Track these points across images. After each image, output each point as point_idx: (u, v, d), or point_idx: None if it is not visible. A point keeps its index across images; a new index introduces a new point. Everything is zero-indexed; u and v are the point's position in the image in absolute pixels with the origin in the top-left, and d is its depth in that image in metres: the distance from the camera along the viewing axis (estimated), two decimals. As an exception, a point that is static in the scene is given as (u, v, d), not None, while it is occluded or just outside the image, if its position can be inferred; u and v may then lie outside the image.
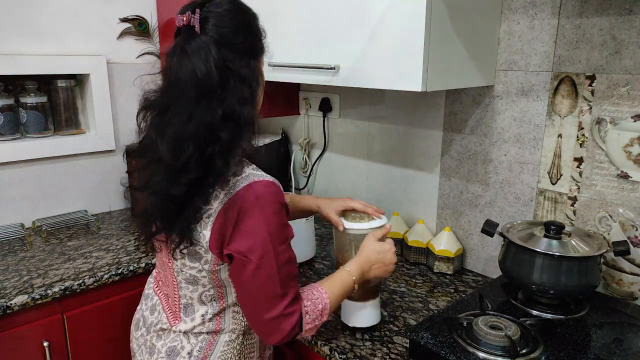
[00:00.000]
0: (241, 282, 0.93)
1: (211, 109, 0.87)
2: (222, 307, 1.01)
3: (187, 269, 0.97)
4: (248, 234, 0.89)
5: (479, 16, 1.26)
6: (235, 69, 0.89)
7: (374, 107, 1.73)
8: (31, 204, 1.86)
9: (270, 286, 0.90)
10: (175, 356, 1.01)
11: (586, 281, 1.10)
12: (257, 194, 0.89)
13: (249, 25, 0.94)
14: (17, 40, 1.76)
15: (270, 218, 0.89)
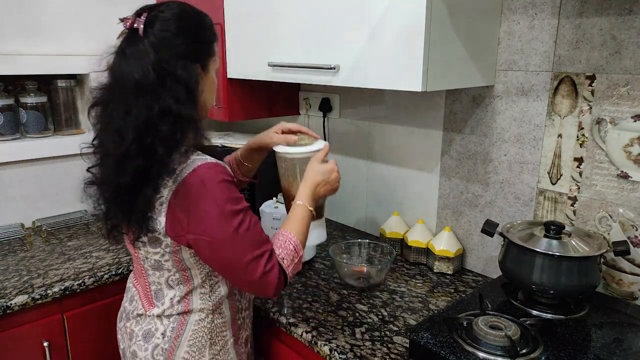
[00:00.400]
0: (213, 260, 0.99)
1: (148, 105, 0.93)
2: (189, 289, 1.07)
3: (151, 256, 1.04)
4: (202, 216, 0.95)
5: (479, 16, 1.26)
6: (172, 71, 0.95)
7: (374, 107, 1.73)
8: (31, 204, 1.86)
9: (241, 255, 0.96)
10: (151, 337, 1.08)
11: (586, 281, 1.10)
12: (202, 177, 0.96)
13: (190, 31, 1.00)
14: (17, 40, 1.76)
15: (219, 196, 0.96)
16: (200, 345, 1.08)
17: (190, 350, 1.07)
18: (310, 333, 1.19)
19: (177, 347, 1.07)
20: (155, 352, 1.07)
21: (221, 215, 0.96)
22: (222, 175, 0.98)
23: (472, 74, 1.29)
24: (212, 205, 0.95)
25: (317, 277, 1.48)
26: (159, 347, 1.07)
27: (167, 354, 1.07)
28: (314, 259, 1.60)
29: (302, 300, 1.34)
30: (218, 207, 0.96)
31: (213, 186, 0.96)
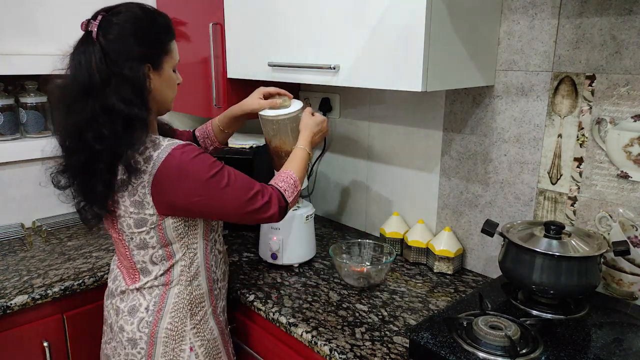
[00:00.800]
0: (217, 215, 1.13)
1: (91, 105, 1.02)
2: (171, 264, 1.16)
3: (137, 235, 1.12)
4: (191, 190, 1.06)
5: (479, 16, 1.26)
6: (118, 72, 1.02)
7: (374, 107, 1.73)
8: (31, 204, 1.86)
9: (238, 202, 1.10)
10: (136, 312, 1.17)
11: (586, 281, 1.10)
12: (178, 157, 1.05)
13: (140, 33, 1.06)
14: (16, 40, 1.76)
15: (199, 167, 1.07)
16: (182, 315, 1.17)
17: (172, 321, 1.16)
18: (310, 333, 1.19)
19: (160, 319, 1.15)
20: (141, 325, 1.16)
21: (207, 182, 1.07)
22: (194, 151, 1.07)
23: (472, 74, 1.29)
24: (196, 177, 1.06)
25: (317, 277, 1.48)
26: (143, 320, 1.16)
27: (151, 326, 1.15)
28: (314, 258, 1.60)
29: (302, 300, 1.34)
30: (201, 177, 1.06)
31: (190, 162, 1.06)
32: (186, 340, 1.18)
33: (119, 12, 1.07)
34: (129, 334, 1.17)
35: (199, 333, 1.19)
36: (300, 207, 1.54)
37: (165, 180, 1.05)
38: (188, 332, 1.18)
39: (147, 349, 1.16)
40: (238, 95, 1.78)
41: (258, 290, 1.40)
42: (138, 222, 1.10)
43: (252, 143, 1.82)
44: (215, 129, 1.46)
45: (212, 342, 1.22)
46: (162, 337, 1.16)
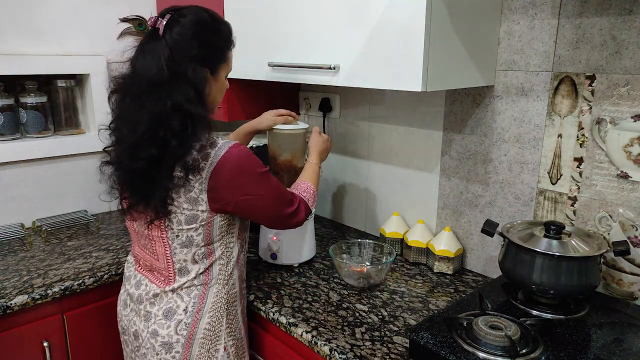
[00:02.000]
0: (254, 212, 1.16)
1: (161, 100, 1.03)
2: (211, 262, 1.17)
3: (184, 232, 1.12)
4: (246, 185, 1.11)
5: (479, 16, 1.26)
6: (183, 72, 1.06)
7: (374, 107, 1.73)
8: (31, 204, 1.86)
9: (275, 202, 1.17)
10: (172, 315, 1.15)
11: (586, 281, 1.10)
12: (236, 155, 1.09)
13: (204, 38, 1.10)
14: (17, 40, 1.76)
15: (253, 165, 1.13)
16: (219, 315, 1.18)
17: (210, 321, 1.17)
18: (310, 333, 1.19)
19: (200, 320, 1.16)
20: (179, 327, 1.15)
21: (259, 177, 1.13)
22: (247, 150, 1.13)
23: (472, 74, 1.29)
24: (251, 173, 1.12)
25: (317, 277, 1.48)
26: (182, 322, 1.15)
27: (190, 327, 1.15)
28: (314, 258, 1.60)
29: (302, 300, 1.34)
30: (255, 172, 1.12)
31: (246, 159, 1.11)
32: (221, 340, 1.19)
33: (187, 14, 1.09)
34: (164, 338, 1.14)
35: (232, 332, 1.22)
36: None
37: (223, 176, 1.08)
38: (223, 331, 1.19)
39: (182, 352, 1.15)
40: (238, 95, 1.78)
41: (258, 290, 1.40)
42: (189, 219, 1.11)
43: (252, 143, 1.82)
44: None
45: (241, 340, 1.25)
46: (199, 338, 1.15)
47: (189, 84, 1.06)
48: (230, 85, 1.72)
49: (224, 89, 1.21)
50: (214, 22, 1.13)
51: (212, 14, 1.14)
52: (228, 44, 1.17)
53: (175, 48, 1.06)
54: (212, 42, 1.12)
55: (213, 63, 1.13)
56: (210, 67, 1.12)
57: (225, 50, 1.16)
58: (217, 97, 1.19)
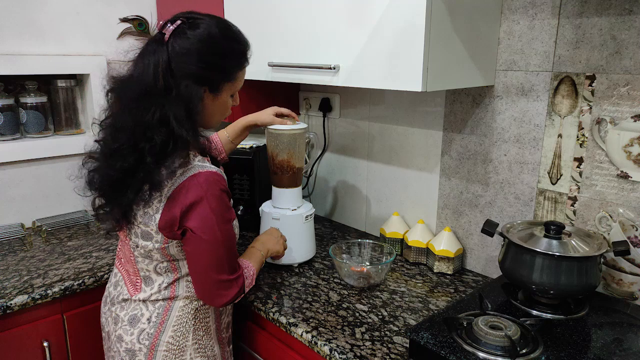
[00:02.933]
0: (193, 254, 1.06)
1: (150, 109, 0.98)
2: (176, 277, 1.14)
3: (141, 247, 1.10)
4: (197, 216, 1.02)
5: (478, 16, 1.26)
6: (176, 86, 0.99)
7: (374, 107, 1.73)
8: (31, 204, 1.86)
9: (218, 256, 1.06)
10: (137, 322, 1.14)
11: (586, 281, 1.10)
12: (201, 183, 1.02)
13: (208, 56, 1.03)
14: (17, 40, 1.76)
15: (214, 202, 1.03)
16: (184, 330, 1.15)
17: (174, 335, 1.14)
18: (310, 333, 1.19)
19: (162, 332, 1.13)
20: (141, 336, 1.13)
21: (214, 218, 1.03)
22: (219, 185, 1.05)
23: (472, 74, 1.29)
24: (208, 207, 1.02)
25: (317, 277, 1.48)
26: (144, 331, 1.13)
27: (152, 338, 1.13)
28: (314, 258, 1.60)
29: (302, 300, 1.34)
30: (212, 211, 1.03)
31: (213, 193, 1.03)
32: (186, 355, 1.15)
33: (197, 25, 1.02)
34: (127, 345, 1.14)
35: (200, 349, 1.17)
36: (300, 207, 1.54)
37: (181, 200, 1.01)
38: (189, 347, 1.15)
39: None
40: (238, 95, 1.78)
41: (258, 290, 1.40)
42: (144, 235, 1.08)
43: (252, 143, 1.82)
44: (223, 140, 1.47)
45: (212, 358, 1.20)
46: (162, 350, 1.13)
47: (181, 100, 0.99)
48: (230, 85, 1.74)
49: (226, 108, 1.14)
50: (224, 39, 1.05)
51: (227, 31, 1.06)
52: (236, 63, 1.09)
53: (174, 59, 0.99)
54: (215, 61, 1.04)
55: (213, 82, 1.06)
56: (210, 86, 1.05)
57: (231, 69, 1.08)
58: (215, 117, 1.12)
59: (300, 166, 1.54)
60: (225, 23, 1.08)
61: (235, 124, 1.47)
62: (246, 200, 1.79)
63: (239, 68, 1.10)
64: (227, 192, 1.07)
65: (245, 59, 1.11)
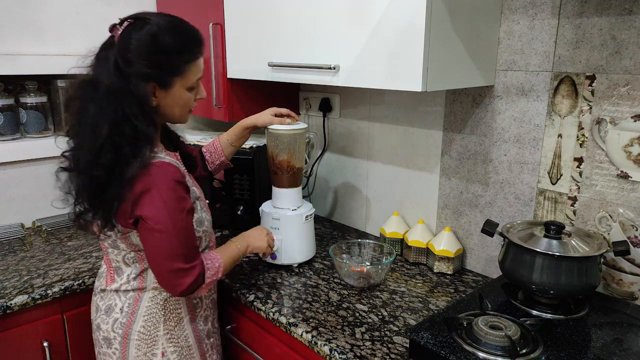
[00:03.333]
0: (147, 243, 1.09)
1: (115, 108, 1.03)
2: (143, 268, 1.17)
3: (108, 237, 1.14)
4: (147, 205, 1.05)
5: (479, 16, 1.26)
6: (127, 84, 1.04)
7: (374, 107, 1.73)
8: (31, 204, 1.86)
9: (171, 245, 1.07)
10: (111, 312, 1.19)
11: (586, 281, 1.10)
12: (152, 173, 1.05)
13: (152, 54, 1.05)
14: (17, 40, 1.76)
15: (166, 192, 1.06)
16: (155, 320, 1.18)
17: (145, 325, 1.18)
18: (310, 333, 1.19)
19: (134, 322, 1.17)
20: (115, 325, 1.19)
21: (164, 207, 1.06)
22: (173, 175, 1.08)
23: (472, 74, 1.29)
24: (158, 196, 1.05)
25: (317, 277, 1.48)
26: (118, 321, 1.18)
27: (124, 327, 1.18)
28: (314, 258, 1.60)
29: (302, 300, 1.34)
30: (162, 199, 1.06)
31: (162, 182, 1.06)
32: (158, 345, 1.19)
33: (143, 25, 1.05)
34: (104, 333, 1.20)
35: (172, 339, 1.20)
36: (300, 207, 1.54)
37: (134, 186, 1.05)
38: (161, 336, 1.19)
39: (121, 350, 1.19)
40: (238, 95, 1.78)
41: (258, 290, 1.40)
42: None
43: (252, 143, 1.82)
44: (223, 143, 1.48)
45: (187, 349, 1.23)
46: (134, 339, 1.17)
47: (133, 97, 1.04)
48: (230, 85, 1.74)
49: (185, 102, 1.14)
50: (167, 36, 1.06)
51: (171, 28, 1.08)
52: (185, 57, 1.09)
53: (121, 60, 1.03)
54: (158, 58, 1.05)
55: (161, 78, 1.07)
56: (158, 82, 1.07)
57: (179, 63, 1.09)
58: (172, 110, 1.13)
59: (300, 166, 1.54)
60: (171, 20, 1.09)
61: (235, 126, 1.48)
62: (246, 200, 1.79)
63: (186, 62, 1.10)
64: (180, 183, 1.09)
65: (192, 53, 1.11)
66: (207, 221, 1.23)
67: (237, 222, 1.80)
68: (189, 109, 1.18)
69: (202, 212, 1.21)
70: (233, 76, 1.70)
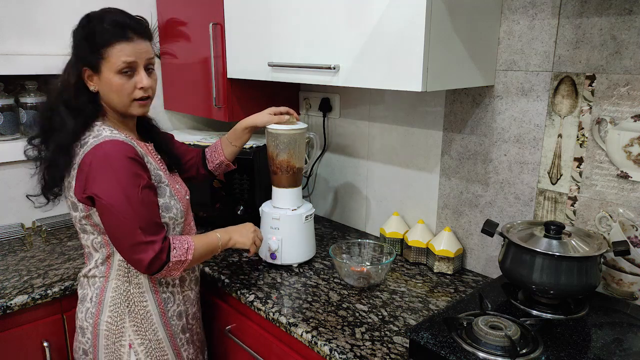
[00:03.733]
0: (105, 220, 1.11)
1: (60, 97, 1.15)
2: (109, 253, 1.19)
3: (74, 219, 1.18)
4: (100, 181, 1.09)
5: (479, 16, 1.26)
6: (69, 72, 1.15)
7: (374, 107, 1.73)
8: (31, 204, 1.85)
9: (126, 219, 1.09)
10: (84, 301, 1.23)
11: (586, 281, 1.10)
12: (105, 150, 1.10)
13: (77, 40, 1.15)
14: (17, 40, 1.76)
15: (118, 168, 1.09)
16: (120, 311, 1.20)
17: (112, 315, 1.20)
18: (310, 333, 1.19)
19: (101, 312, 1.20)
20: (87, 315, 1.22)
21: (116, 182, 1.08)
22: (124, 152, 1.11)
23: (472, 74, 1.29)
24: (110, 172, 1.09)
25: (317, 277, 1.48)
26: (89, 310, 1.21)
27: (94, 317, 1.20)
28: (314, 258, 1.60)
29: (302, 300, 1.34)
30: (115, 175, 1.09)
31: (114, 158, 1.09)
32: (125, 336, 1.20)
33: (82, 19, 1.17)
34: (79, 322, 1.24)
35: (139, 331, 1.21)
36: (300, 207, 1.54)
37: (86, 165, 1.10)
38: (128, 328, 1.20)
39: (92, 339, 1.21)
40: (238, 95, 1.78)
41: (258, 290, 1.40)
42: (72, 205, 1.16)
43: (252, 143, 1.82)
44: (223, 142, 1.50)
45: (156, 342, 1.23)
46: (103, 329, 1.20)
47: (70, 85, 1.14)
48: (230, 85, 1.74)
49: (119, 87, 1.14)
50: (90, 22, 1.14)
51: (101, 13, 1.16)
52: (104, 40, 1.12)
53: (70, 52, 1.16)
54: (81, 43, 1.14)
55: (89, 62, 1.14)
56: (89, 66, 1.14)
57: (100, 47, 1.12)
58: (109, 96, 1.16)
59: (300, 166, 1.54)
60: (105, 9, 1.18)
61: (234, 127, 1.50)
62: (246, 200, 1.79)
63: (107, 45, 1.12)
64: (132, 159, 1.11)
65: (113, 36, 1.13)
66: (176, 209, 1.22)
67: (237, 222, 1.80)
68: (127, 96, 1.16)
69: (172, 200, 1.22)
70: (233, 76, 1.70)
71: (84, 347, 1.24)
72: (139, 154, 1.15)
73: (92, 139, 1.12)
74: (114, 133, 1.14)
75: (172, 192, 1.23)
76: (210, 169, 1.51)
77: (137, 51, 1.15)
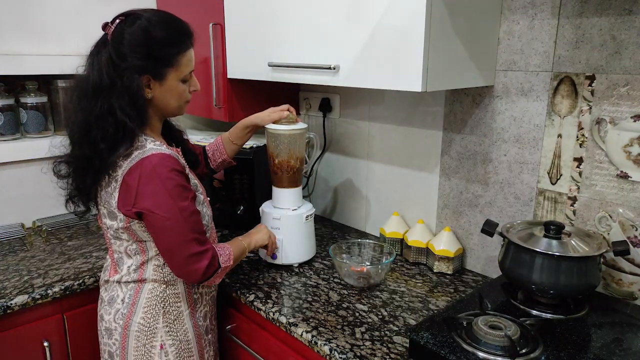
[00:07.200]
0: (158, 235, 1.12)
1: (100, 104, 1.08)
2: (144, 260, 1.19)
3: (109, 227, 1.17)
4: (150, 195, 1.08)
5: (479, 16, 1.26)
6: (120, 79, 1.08)
7: (374, 107, 1.73)
8: (31, 204, 1.86)
9: (181, 232, 1.10)
10: (113, 303, 1.22)
11: (586, 281, 1.10)
12: (154, 164, 1.09)
13: (148, 48, 1.10)
14: (17, 40, 1.76)
15: (167, 181, 1.09)
16: (154, 312, 1.20)
17: (145, 317, 1.19)
18: (310, 333, 1.19)
19: (134, 313, 1.19)
20: (117, 316, 1.21)
21: (168, 196, 1.08)
22: (173, 165, 1.11)
23: (472, 74, 1.29)
24: (161, 186, 1.08)
25: (317, 277, 1.48)
26: (119, 312, 1.20)
27: (125, 318, 1.20)
28: (314, 258, 1.60)
29: (302, 300, 1.35)
30: (166, 189, 1.08)
31: (163, 172, 1.09)
32: (157, 337, 1.20)
33: (134, 20, 1.10)
34: (106, 324, 1.22)
35: (171, 332, 1.21)
36: (300, 207, 1.55)
37: (133, 177, 1.08)
38: (160, 329, 1.20)
39: (120, 341, 1.20)
40: (238, 95, 1.78)
41: (258, 290, 1.40)
42: (110, 214, 1.15)
43: (252, 143, 1.82)
44: (224, 141, 1.51)
45: (185, 343, 1.24)
46: (134, 330, 1.19)
47: (125, 91, 1.08)
48: (230, 86, 1.74)
49: (177, 93, 1.17)
50: (158, 29, 1.11)
51: (161, 21, 1.12)
52: (176, 48, 1.13)
53: (115, 55, 1.08)
54: (152, 50, 1.10)
55: (154, 70, 1.12)
56: (152, 74, 1.12)
57: (172, 55, 1.13)
58: (168, 102, 1.17)
59: (300, 166, 1.54)
60: (161, 14, 1.14)
61: (235, 126, 1.51)
62: (246, 200, 1.79)
63: (178, 54, 1.14)
64: (179, 172, 1.12)
65: (183, 45, 1.15)
66: (207, 216, 1.26)
67: (237, 222, 1.80)
68: (184, 100, 1.21)
69: (204, 207, 1.24)
70: (233, 76, 1.70)
71: (110, 349, 1.22)
72: (182, 165, 1.16)
73: (136, 152, 1.10)
74: (156, 144, 1.14)
75: (203, 199, 1.25)
76: (213, 167, 1.52)
77: (193, 57, 1.19)
